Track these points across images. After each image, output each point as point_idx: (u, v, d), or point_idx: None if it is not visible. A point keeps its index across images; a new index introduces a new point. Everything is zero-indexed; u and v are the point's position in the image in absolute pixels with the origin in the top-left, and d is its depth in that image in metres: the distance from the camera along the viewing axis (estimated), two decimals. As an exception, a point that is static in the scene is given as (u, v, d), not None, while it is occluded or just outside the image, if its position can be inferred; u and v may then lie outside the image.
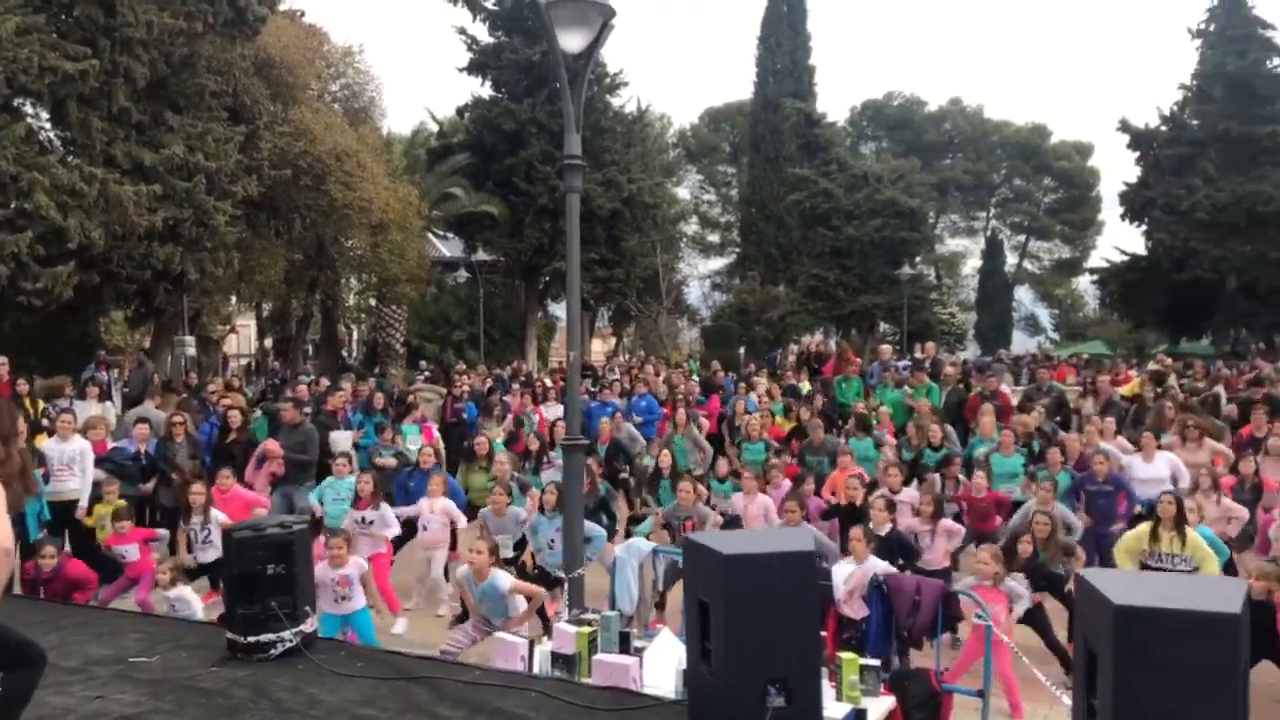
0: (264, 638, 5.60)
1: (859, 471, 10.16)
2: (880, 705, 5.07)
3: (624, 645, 5.47)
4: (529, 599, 7.13)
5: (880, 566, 7.20)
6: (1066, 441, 11.14)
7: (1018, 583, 7.31)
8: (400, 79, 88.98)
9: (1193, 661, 3.25)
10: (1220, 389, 17.90)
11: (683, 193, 59.78)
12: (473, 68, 33.72)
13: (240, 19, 19.84)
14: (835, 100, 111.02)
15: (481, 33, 33.76)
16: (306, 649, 5.64)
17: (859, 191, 44.40)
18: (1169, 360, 24.23)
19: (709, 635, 4.17)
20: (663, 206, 40.46)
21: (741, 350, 38.86)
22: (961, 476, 10.41)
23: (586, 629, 5.47)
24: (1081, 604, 3.68)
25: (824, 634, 5.70)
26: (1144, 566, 7.74)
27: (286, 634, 5.60)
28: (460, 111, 35.39)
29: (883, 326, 45.86)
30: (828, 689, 4.80)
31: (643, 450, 13.11)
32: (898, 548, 7.78)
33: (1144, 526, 8.05)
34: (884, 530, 7.92)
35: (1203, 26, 42.82)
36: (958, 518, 9.54)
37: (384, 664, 5.59)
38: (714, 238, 61.70)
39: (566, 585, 7.35)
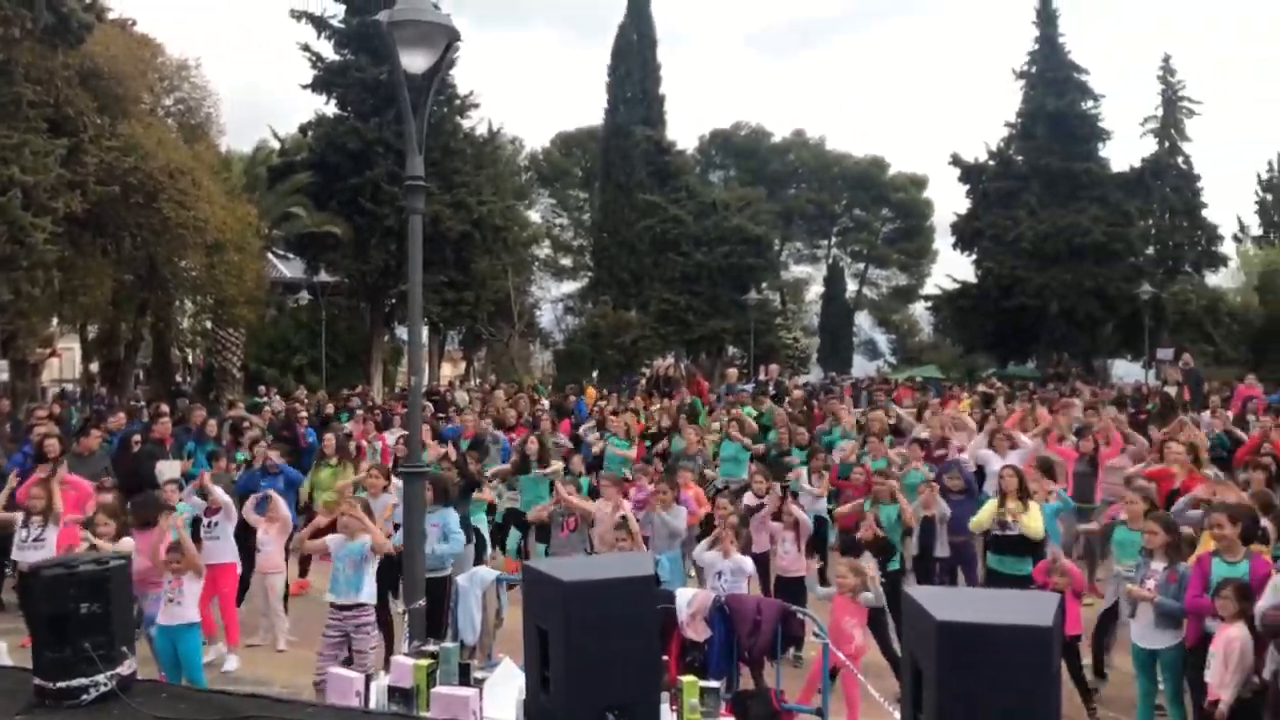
0: (75, 683, 5.21)
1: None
2: (713, 728, 5.09)
3: (464, 677, 5.33)
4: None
5: (748, 566, 7.91)
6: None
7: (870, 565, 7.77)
8: (241, 95, 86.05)
9: (1011, 673, 3.36)
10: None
11: (535, 216, 59.71)
12: (317, 85, 32.94)
13: (63, 26, 18.82)
14: (685, 129, 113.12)
15: (327, 50, 33.06)
16: (123, 693, 5.28)
17: (708, 219, 45.31)
18: (997, 383, 25.53)
19: (548, 663, 4.10)
20: (514, 229, 40.31)
21: (595, 374, 38.97)
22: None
23: (425, 661, 5.31)
24: (907, 620, 3.77)
25: (666, 657, 5.70)
26: (990, 535, 8.67)
27: (100, 678, 5.21)
28: (304, 129, 34.47)
29: (731, 350, 46.78)
30: (668, 713, 4.78)
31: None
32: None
33: (993, 501, 8.79)
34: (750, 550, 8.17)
35: (1025, 68, 45.54)
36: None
37: (207, 705, 5.26)
38: (566, 261, 61.82)
39: (407, 617, 7.14)
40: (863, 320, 65.59)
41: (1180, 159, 48.57)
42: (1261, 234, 50.91)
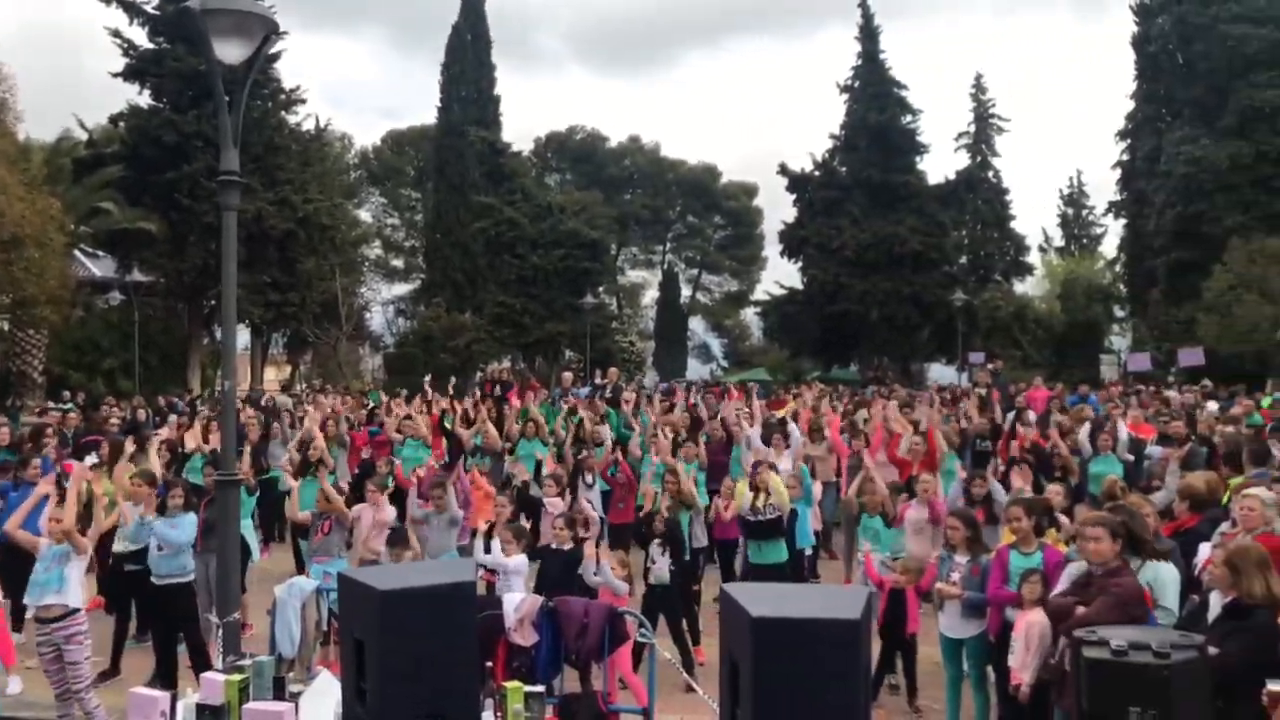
0: None
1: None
2: (542, 732, 5.07)
3: (278, 691, 5.13)
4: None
5: (522, 565, 7.83)
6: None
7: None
8: (42, 80, 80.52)
9: (823, 665, 3.46)
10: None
11: (365, 215, 58.29)
12: (129, 74, 31.23)
13: None
14: (520, 131, 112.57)
15: (140, 37, 31.37)
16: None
17: (544, 221, 45.21)
18: (821, 385, 26.47)
19: (364, 675, 3.99)
20: (342, 228, 39.20)
21: (427, 379, 38.20)
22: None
23: (237, 677, 5.08)
24: (724, 616, 3.84)
25: (491, 664, 5.64)
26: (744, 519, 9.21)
27: None
28: (115, 120, 32.59)
29: (568, 354, 46.79)
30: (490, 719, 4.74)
31: None
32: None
33: (744, 485, 9.39)
34: (566, 547, 8.09)
35: (849, 82, 47.33)
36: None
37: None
38: (398, 262, 60.56)
39: (220, 630, 6.83)
40: (696, 325, 66.79)
41: (991, 173, 51.64)
42: (1063, 245, 54.68)
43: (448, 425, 14.32)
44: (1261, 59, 36.76)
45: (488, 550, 8.03)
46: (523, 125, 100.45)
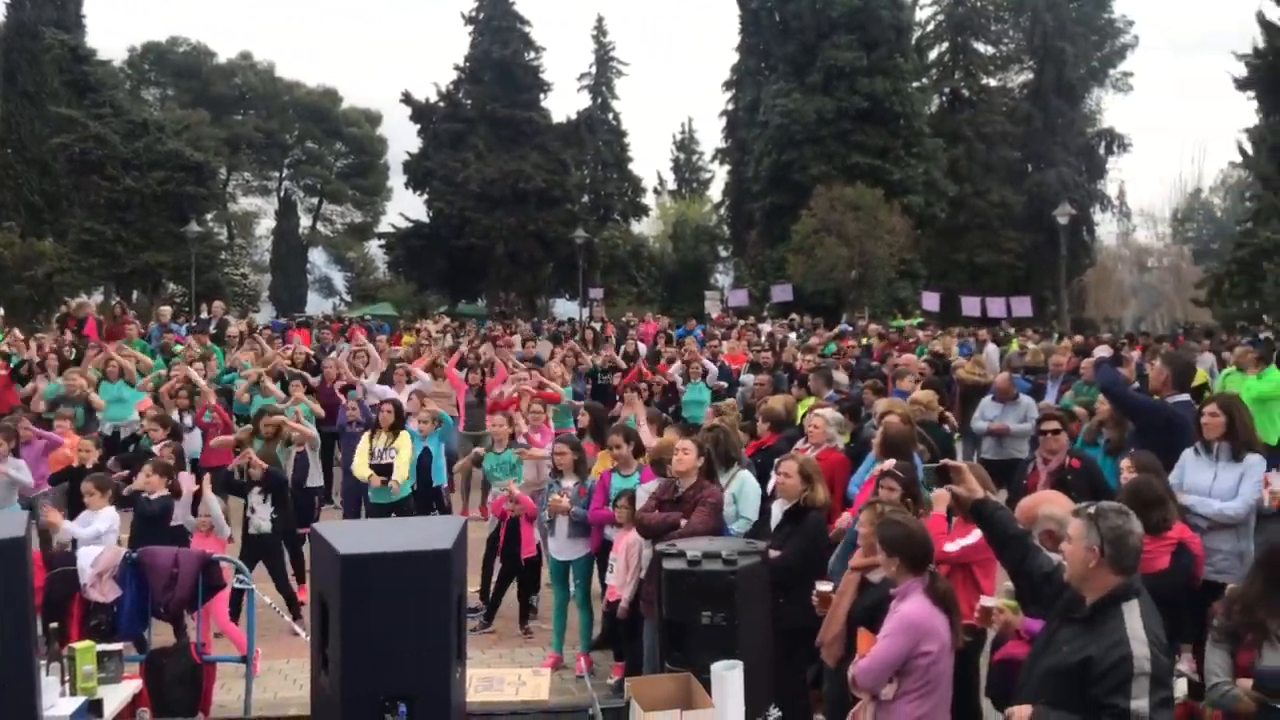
0: None
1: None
2: (121, 691, 4.71)
3: None
4: None
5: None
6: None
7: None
8: None
9: (413, 597, 3.46)
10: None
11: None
12: None
13: None
14: (110, 37, 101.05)
15: None
16: None
17: (139, 140, 41.10)
18: (448, 320, 26.40)
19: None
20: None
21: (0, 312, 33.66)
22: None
23: None
24: (314, 557, 3.73)
25: (57, 624, 5.10)
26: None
27: None
28: None
29: (171, 287, 43.24)
30: (54, 684, 4.31)
31: None
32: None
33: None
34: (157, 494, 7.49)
35: (473, 14, 46.87)
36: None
37: None
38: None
39: None
40: (317, 257, 63.74)
41: (611, 115, 53.52)
42: (676, 188, 57.95)
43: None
44: (842, 23, 40.73)
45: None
46: (115, 33, 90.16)
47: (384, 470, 9.06)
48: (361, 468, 9.19)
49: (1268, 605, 3.89)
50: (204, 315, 22.16)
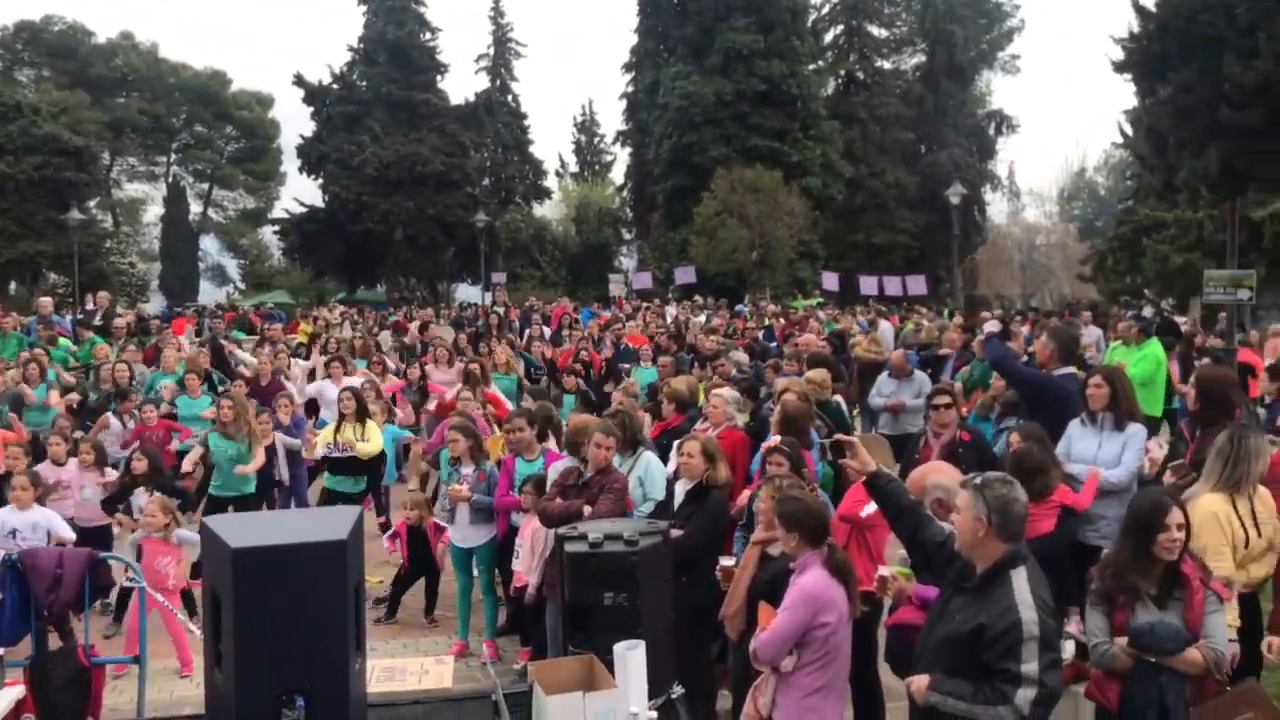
0: None
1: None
2: (3, 699, 4.52)
3: None
4: None
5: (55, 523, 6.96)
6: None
7: (188, 530, 7.36)
8: None
9: (307, 589, 3.40)
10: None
11: None
12: None
13: None
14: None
15: None
16: None
17: (13, 123, 39.33)
18: (342, 308, 25.91)
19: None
20: None
21: None
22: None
23: None
24: (206, 551, 3.64)
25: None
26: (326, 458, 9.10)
27: None
28: None
29: (52, 277, 41.53)
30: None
31: None
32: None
33: (331, 425, 9.31)
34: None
35: (366, -6, 45.89)
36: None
37: None
38: None
39: None
40: (209, 244, 61.79)
41: (510, 97, 53.01)
42: (578, 171, 57.74)
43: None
44: (739, 5, 41.02)
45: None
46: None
47: (342, 466, 8.94)
48: (314, 449, 9.21)
49: (1138, 568, 4.07)
50: (89, 306, 21.34)
